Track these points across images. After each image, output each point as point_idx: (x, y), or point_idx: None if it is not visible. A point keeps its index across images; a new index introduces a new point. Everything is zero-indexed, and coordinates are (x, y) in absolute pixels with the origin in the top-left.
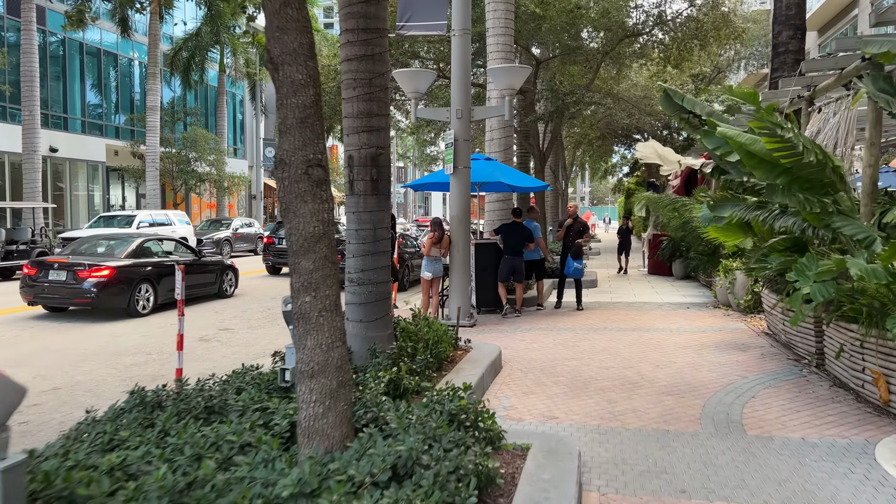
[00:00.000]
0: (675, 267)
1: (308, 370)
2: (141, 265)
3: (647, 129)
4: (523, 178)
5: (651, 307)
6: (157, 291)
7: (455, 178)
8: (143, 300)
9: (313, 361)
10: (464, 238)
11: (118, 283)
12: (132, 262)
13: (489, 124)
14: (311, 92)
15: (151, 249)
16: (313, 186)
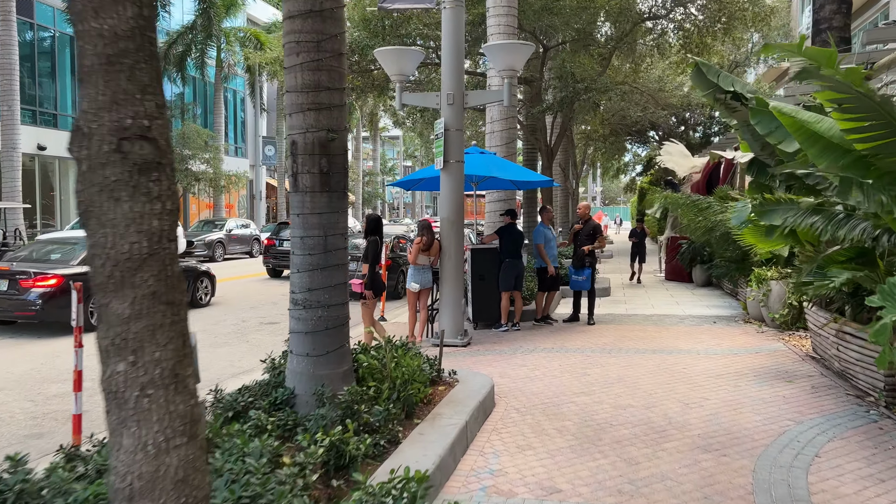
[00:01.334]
0: (696, 273)
1: (124, 489)
2: None
3: (661, 125)
4: (524, 173)
5: (672, 321)
6: None
7: (446, 174)
8: None
9: (132, 474)
10: (455, 243)
11: (68, 294)
12: (86, 269)
13: (489, 115)
14: (128, 12)
15: None
16: (132, 173)
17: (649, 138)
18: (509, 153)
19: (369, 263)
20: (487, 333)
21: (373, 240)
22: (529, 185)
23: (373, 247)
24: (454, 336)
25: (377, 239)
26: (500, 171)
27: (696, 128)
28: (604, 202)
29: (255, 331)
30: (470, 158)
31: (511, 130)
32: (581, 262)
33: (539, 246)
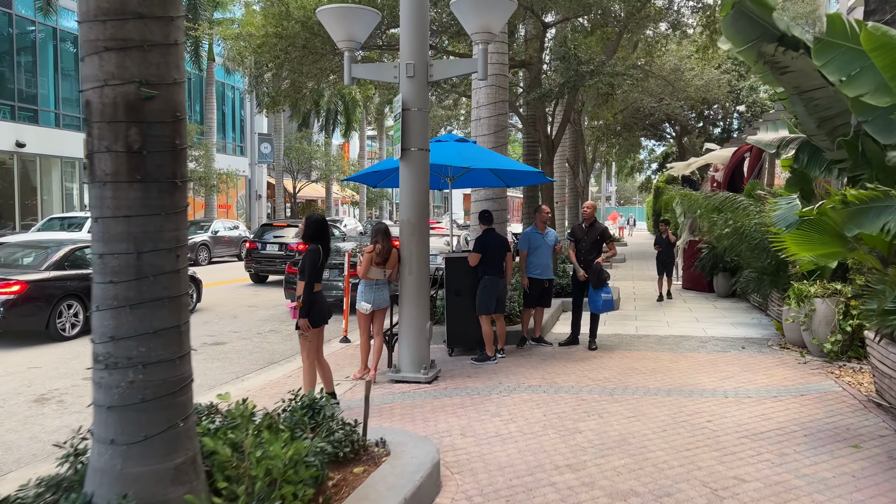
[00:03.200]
0: (718, 282)
1: None
2: (67, 278)
3: (677, 119)
4: (509, 164)
5: (691, 345)
6: (88, 309)
7: (405, 164)
8: (69, 320)
9: None
10: (418, 253)
11: (33, 301)
12: (55, 274)
13: (475, 99)
14: None
15: (86, 259)
16: None
17: (665, 133)
18: (499, 144)
19: (306, 281)
20: (463, 363)
21: (312, 249)
22: (519, 180)
23: (311, 259)
24: (415, 370)
25: (319, 248)
26: (480, 161)
27: (716, 122)
28: (618, 202)
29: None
30: (443, 147)
31: (501, 118)
32: (602, 276)
33: (521, 254)
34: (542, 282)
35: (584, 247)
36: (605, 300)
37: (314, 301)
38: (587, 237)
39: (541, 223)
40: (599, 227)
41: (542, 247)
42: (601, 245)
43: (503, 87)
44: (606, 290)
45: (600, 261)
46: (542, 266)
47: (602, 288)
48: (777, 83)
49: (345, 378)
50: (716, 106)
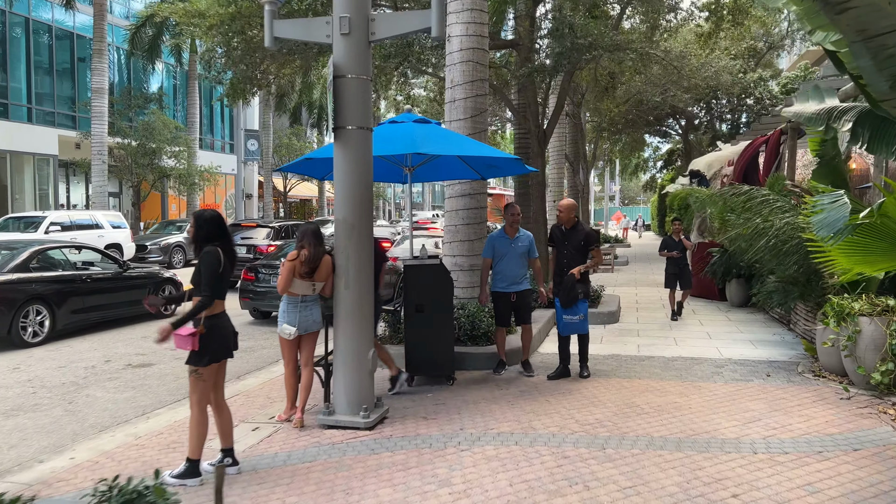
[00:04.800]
0: (731, 289)
1: None
2: (30, 281)
3: (684, 113)
4: (477, 149)
5: (705, 371)
6: (55, 314)
7: (341, 147)
8: (34, 325)
9: None
10: (358, 261)
11: None
12: (16, 277)
13: (449, 77)
14: None
15: (54, 261)
16: None
17: (670, 129)
18: (477, 131)
19: (202, 297)
20: (423, 397)
21: (208, 252)
22: (495, 169)
23: (207, 265)
24: (353, 411)
25: (217, 251)
26: (445, 146)
27: (723, 117)
28: (622, 202)
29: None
30: (398, 130)
31: (479, 100)
32: (571, 294)
33: (484, 263)
34: (509, 296)
35: (566, 254)
36: (569, 322)
37: (213, 326)
38: (569, 242)
39: (510, 225)
40: (583, 230)
41: (510, 254)
42: (587, 251)
43: (481, 63)
44: (576, 311)
45: (578, 271)
46: (510, 277)
47: (573, 307)
48: (831, 27)
49: (269, 419)
50: (724, 101)
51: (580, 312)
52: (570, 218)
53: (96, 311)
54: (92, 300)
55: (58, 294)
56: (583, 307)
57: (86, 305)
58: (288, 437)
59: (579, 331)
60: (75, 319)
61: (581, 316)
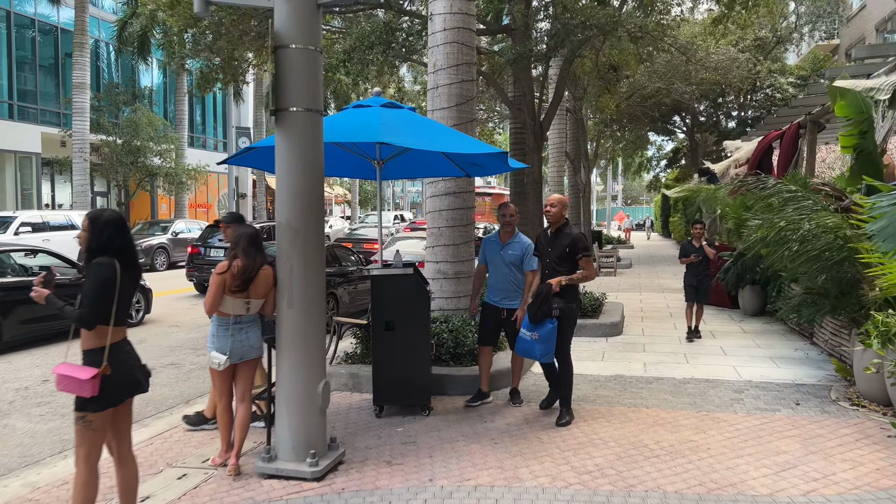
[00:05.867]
0: (744, 297)
1: None
2: None
3: (689, 109)
4: (458, 143)
5: (722, 397)
6: (1, 325)
7: (284, 134)
8: None
9: None
10: (304, 273)
11: None
12: None
13: (431, 60)
14: None
15: (4, 265)
16: None
17: (674, 127)
18: (463, 122)
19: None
20: (391, 433)
21: (100, 265)
22: (481, 167)
23: (97, 279)
24: (298, 457)
25: (114, 265)
26: (415, 136)
27: (730, 114)
28: (625, 201)
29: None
30: (364, 116)
31: (465, 86)
32: (544, 307)
33: (478, 269)
34: (499, 311)
35: (547, 263)
36: (521, 338)
37: (111, 359)
38: (552, 249)
39: (502, 228)
40: (569, 234)
41: (496, 262)
42: (573, 260)
43: (468, 45)
44: (545, 328)
45: (558, 282)
46: (501, 289)
47: (540, 324)
48: None
49: (202, 462)
50: (731, 98)
51: (537, 331)
52: (560, 216)
53: (49, 322)
54: (44, 309)
55: (4, 303)
56: (546, 328)
57: (37, 315)
58: (218, 490)
59: (528, 354)
60: (25, 331)
61: (535, 335)
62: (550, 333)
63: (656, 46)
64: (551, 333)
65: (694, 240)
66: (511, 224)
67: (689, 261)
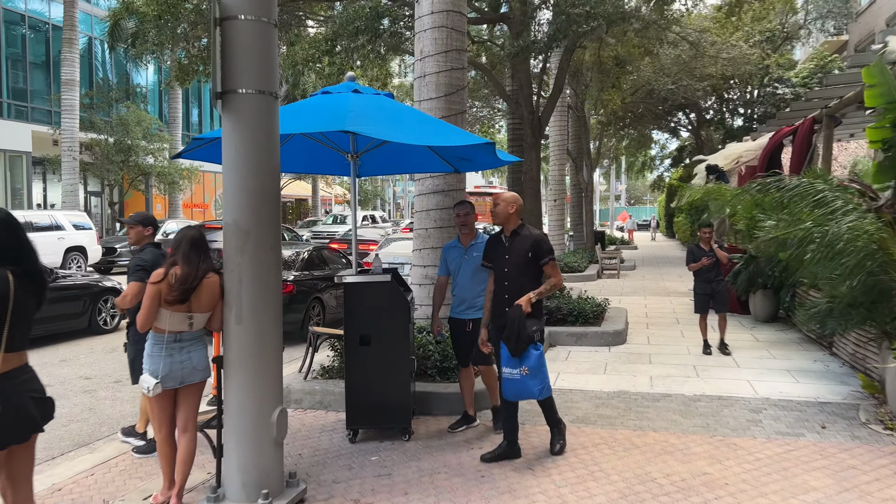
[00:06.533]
0: (755, 302)
1: None
2: None
3: (696, 105)
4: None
5: (738, 418)
6: None
7: (232, 119)
8: None
9: None
10: (255, 283)
11: None
12: None
13: (418, 46)
14: None
15: None
16: None
17: (678, 125)
18: (452, 113)
19: None
20: (363, 462)
21: None
22: (469, 161)
23: None
24: (249, 496)
25: (7, 277)
26: (387, 126)
27: (737, 110)
28: (628, 201)
29: None
30: (333, 103)
31: (455, 74)
32: (522, 334)
33: (439, 281)
34: (465, 324)
35: (506, 273)
36: (508, 378)
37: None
38: (510, 256)
39: (461, 231)
40: (529, 237)
41: (464, 268)
42: (537, 266)
43: (458, 29)
44: (520, 362)
45: (528, 301)
46: (465, 298)
47: (523, 356)
48: None
49: (143, 499)
50: (736, 97)
51: (524, 364)
52: (508, 216)
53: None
54: None
55: None
56: (532, 357)
57: None
58: None
59: (523, 395)
60: None
61: (524, 370)
62: (540, 362)
63: (664, 38)
64: (540, 361)
65: (702, 242)
66: (467, 224)
67: (700, 265)
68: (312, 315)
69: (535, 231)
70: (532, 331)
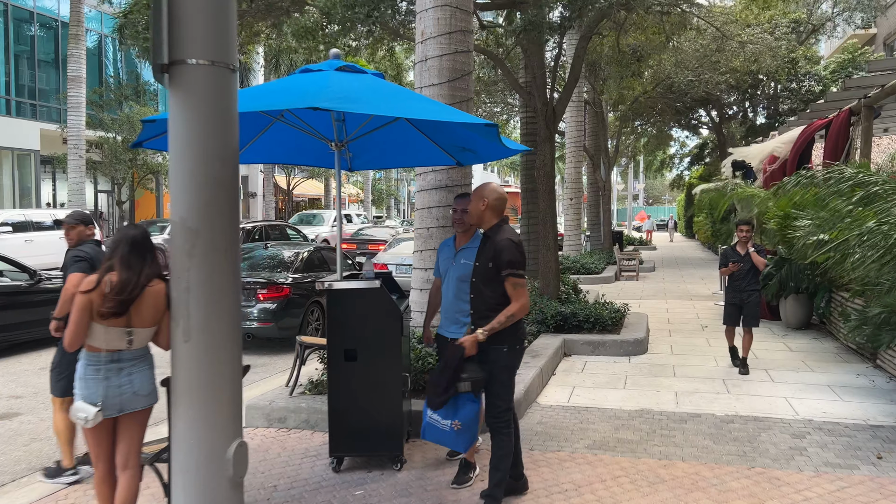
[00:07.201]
0: (786, 307)
1: None
2: None
3: (718, 101)
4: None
5: (779, 445)
6: None
7: (180, 95)
8: None
9: None
10: (206, 293)
11: None
12: None
13: (419, 30)
14: None
15: None
16: None
17: (699, 122)
18: (458, 101)
19: None
20: (346, 499)
21: None
22: (473, 152)
23: None
24: None
25: None
26: (369, 101)
27: (761, 104)
28: (646, 201)
29: None
30: (303, 81)
31: (460, 58)
32: (452, 380)
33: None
34: (447, 342)
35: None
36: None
37: None
38: (478, 265)
39: (457, 229)
40: (493, 242)
41: (449, 275)
42: (497, 282)
43: (463, 9)
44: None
45: (473, 340)
46: (448, 311)
47: (458, 407)
48: None
49: None
50: (759, 92)
51: (458, 418)
52: (480, 215)
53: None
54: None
55: None
56: (469, 411)
57: None
58: None
59: (445, 444)
60: None
61: (457, 424)
62: (475, 419)
63: (687, 23)
64: (476, 418)
65: (738, 245)
66: (462, 222)
67: (731, 270)
68: (311, 321)
69: (506, 235)
70: (461, 378)
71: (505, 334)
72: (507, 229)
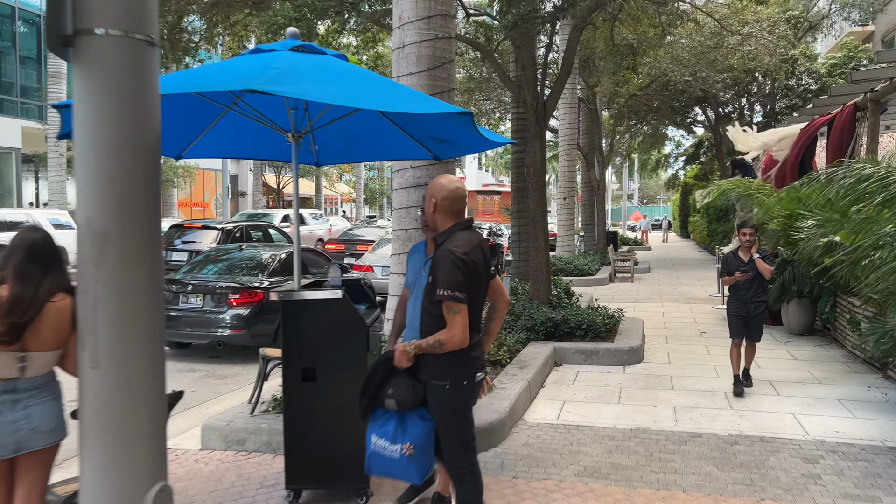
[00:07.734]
0: (789, 312)
1: None
2: None
3: (715, 99)
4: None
5: (791, 472)
6: None
7: (85, 75)
8: None
9: None
10: (118, 309)
11: None
12: None
13: (396, 14)
14: None
15: None
16: None
17: (695, 121)
18: (438, 91)
19: None
20: None
21: None
22: (448, 144)
23: None
24: None
25: None
26: (327, 87)
27: (758, 102)
28: (641, 201)
29: None
30: (255, 60)
31: (440, 45)
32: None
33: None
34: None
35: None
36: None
37: None
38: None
39: (428, 237)
40: (436, 253)
41: (417, 286)
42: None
43: None
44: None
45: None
46: (412, 328)
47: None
48: None
49: None
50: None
51: (408, 439)
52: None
53: None
54: None
55: None
56: (420, 430)
57: None
58: None
59: (397, 476)
60: None
61: (408, 448)
62: (429, 439)
63: (683, 16)
64: (430, 439)
65: (741, 250)
66: (428, 227)
67: (735, 280)
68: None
69: (451, 244)
70: (386, 394)
71: (448, 365)
72: (459, 237)
